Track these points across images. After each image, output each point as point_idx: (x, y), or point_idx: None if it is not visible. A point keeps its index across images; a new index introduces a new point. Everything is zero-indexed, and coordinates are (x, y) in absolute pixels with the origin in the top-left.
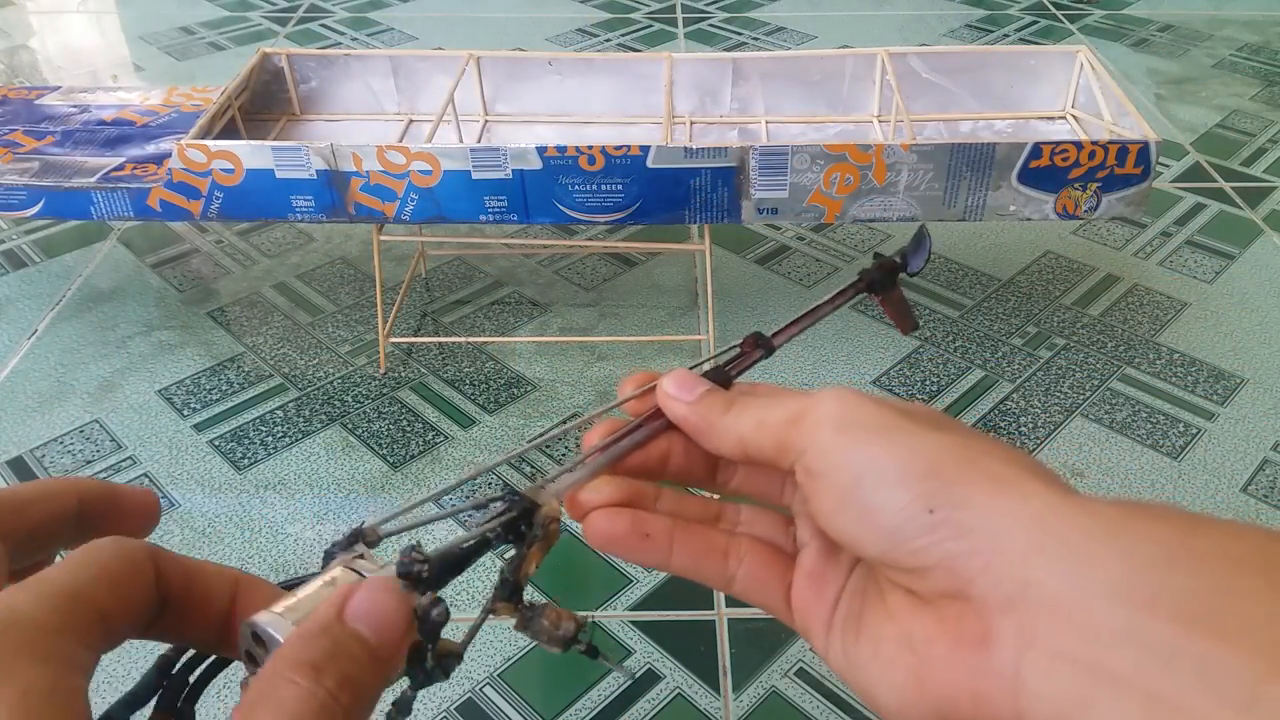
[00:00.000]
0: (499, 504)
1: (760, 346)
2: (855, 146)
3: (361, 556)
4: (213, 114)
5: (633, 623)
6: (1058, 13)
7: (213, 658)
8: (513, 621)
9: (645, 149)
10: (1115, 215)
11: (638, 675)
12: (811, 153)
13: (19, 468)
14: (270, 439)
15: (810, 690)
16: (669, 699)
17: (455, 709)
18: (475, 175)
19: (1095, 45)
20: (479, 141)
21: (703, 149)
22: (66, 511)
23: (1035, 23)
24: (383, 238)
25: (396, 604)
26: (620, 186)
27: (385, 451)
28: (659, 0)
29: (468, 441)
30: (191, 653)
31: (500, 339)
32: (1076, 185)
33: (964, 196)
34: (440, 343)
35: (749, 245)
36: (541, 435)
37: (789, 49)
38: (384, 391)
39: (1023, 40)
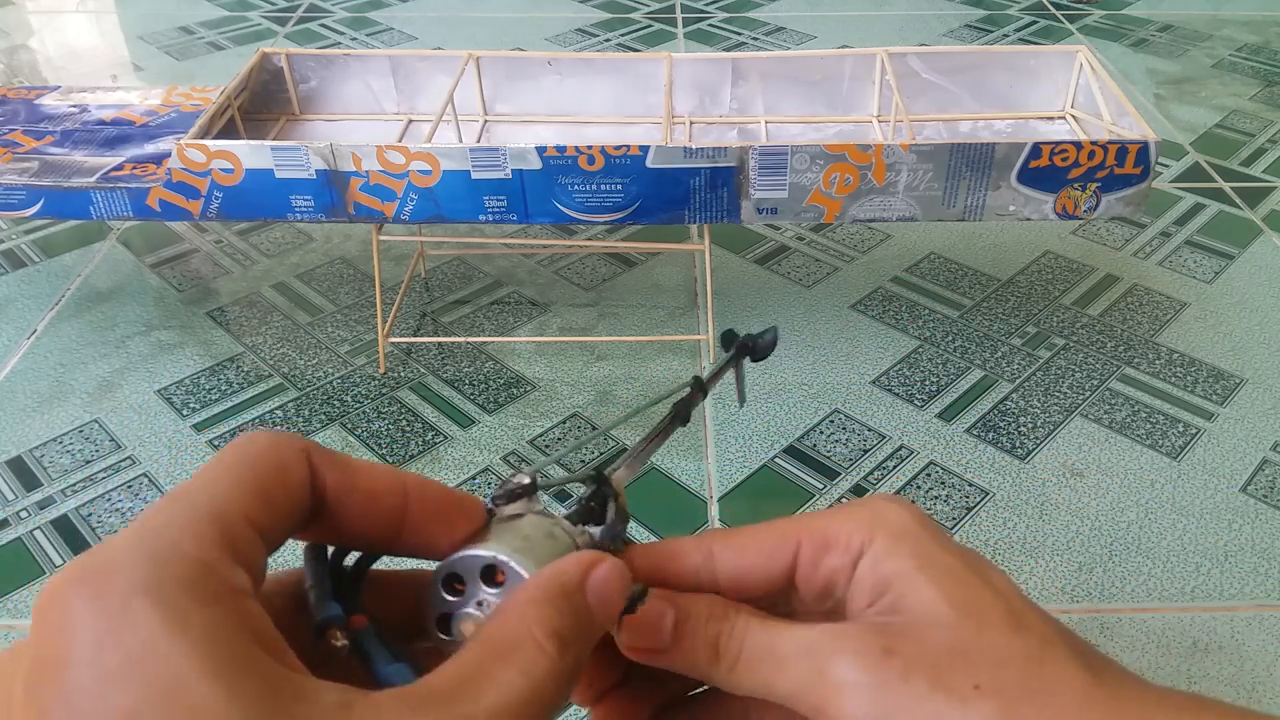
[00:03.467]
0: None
1: (747, 349)
2: (855, 146)
3: (543, 512)
4: (212, 114)
5: None
6: (1057, 13)
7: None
8: None
9: (645, 149)
10: (1115, 215)
11: None
12: (811, 153)
13: (18, 468)
14: None
15: None
16: None
17: None
18: (475, 175)
19: (1095, 45)
20: (478, 141)
21: (702, 149)
22: (302, 506)
23: (1035, 23)
24: (382, 237)
25: (625, 589)
26: (620, 186)
27: (385, 451)
28: (658, 0)
29: (467, 442)
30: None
31: (500, 339)
32: (1076, 185)
33: (964, 196)
34: (439, 343)
35: (748, 245)
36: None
37: (789, 49)
38: (383, 391)
39: (1022, 40)
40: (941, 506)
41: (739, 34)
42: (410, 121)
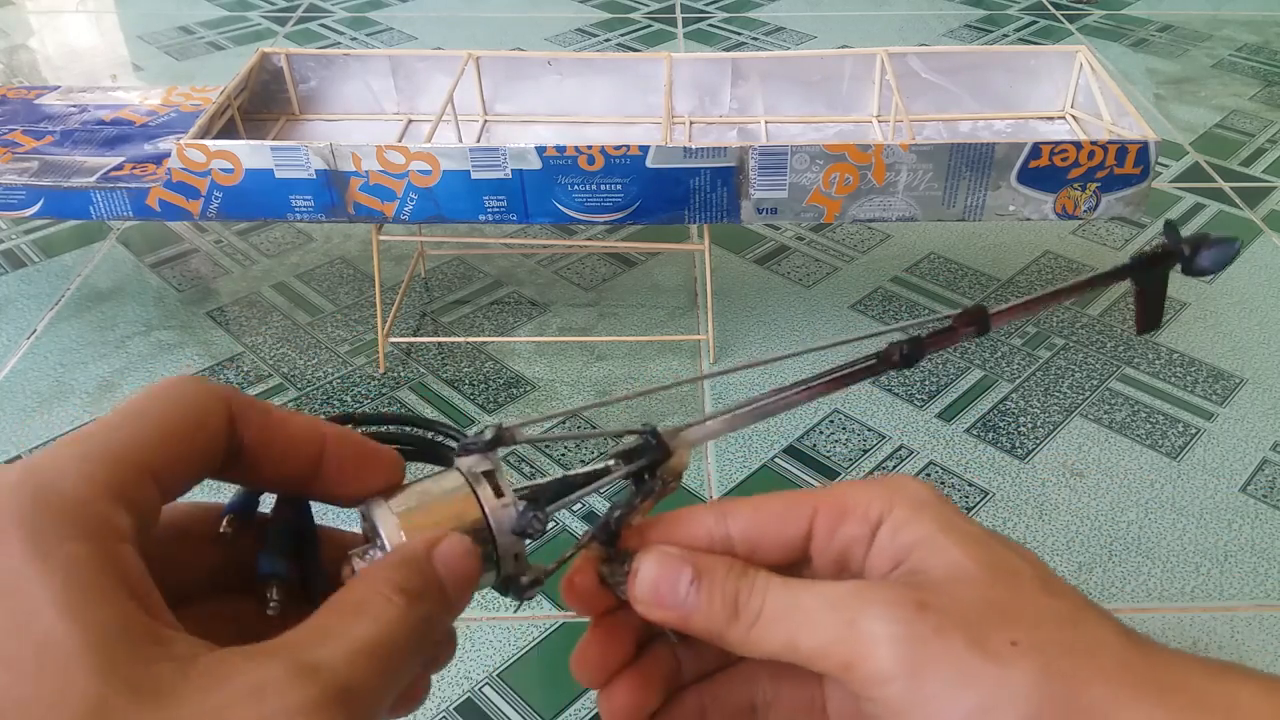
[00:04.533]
0: (634, 439)
1: (974, 323)
2: (854, 146)
3: (492, 469)
4: (212, 114)
5: None
6: (1057, 13)
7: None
8: (600, 563)
9: (645, 149)
10: (1114, 215)
11: None
12: (811, 153)
13: None
14: None
15: None
16: None
17: (454, 709)
18: (474, 175)
19: (1095, 45)
20: (478, 141)
21: (702, 149)
22: (213, 455)
23: (1035, 23)
24: (382, 237)
25: (474, 568)
26: (620, 186)
27: None
28: (658, 0)
29: None
30: None
31: (500, 339)
32: (1076, 185)
33: (963, 196)
34: (439, 343)
35: (748, 245)
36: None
37: (789, 49)
38: (383, 391)
39: (1022, 40)
40: None
41: (739, 34)
42: (410, 121)
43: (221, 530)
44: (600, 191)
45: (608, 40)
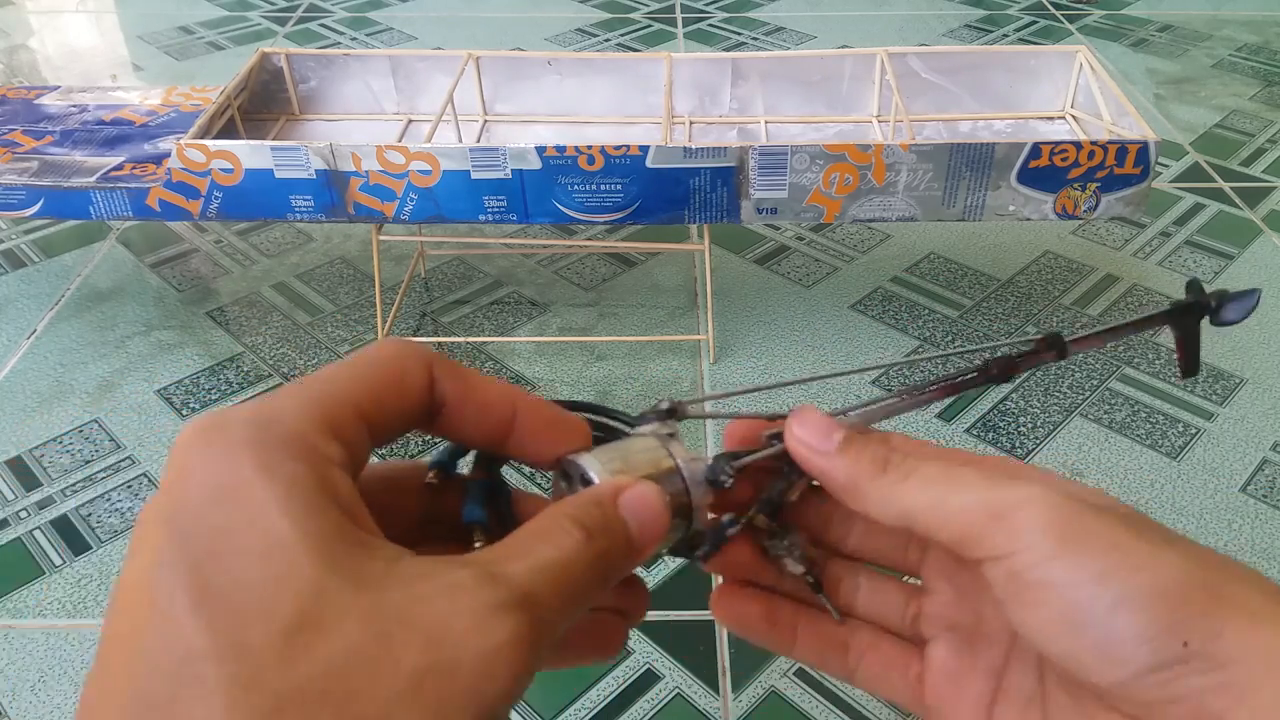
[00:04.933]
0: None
1: (1054, 348)
2: (854, 146)
3: (672, 434)
4: (212, 114)
5: None
6: (1057, 13)
7: None
8: (763, 534)
9: (645, 149)
10: (1114, 215)
11: (638, 674)
12: (811, 153)
13: (18, 468)
14: None
15: (810, 690)
16: (668, 699)
17: None
18: (474, 175)
19: (1095, 45)
20: (478, 141)
21: (702, 149)
22: (416, 408)
23: (1034, 23)
24: (382, 237)
25: (660, 512)
26: (620, 186)
27: (384, 451)
28: (658, 0)
29: None
30: None
31: (499, 339)
32: (1076, 185)
33: (963, 196)
34: (439, 342)
35: (748, 245)
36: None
37: (789, 49)
38: None
39: (1022, 40)
40: None
41: (739, 34)
42: (410, 121)
43: (427, 481)
44: (600, 191)
45: (608, 40)
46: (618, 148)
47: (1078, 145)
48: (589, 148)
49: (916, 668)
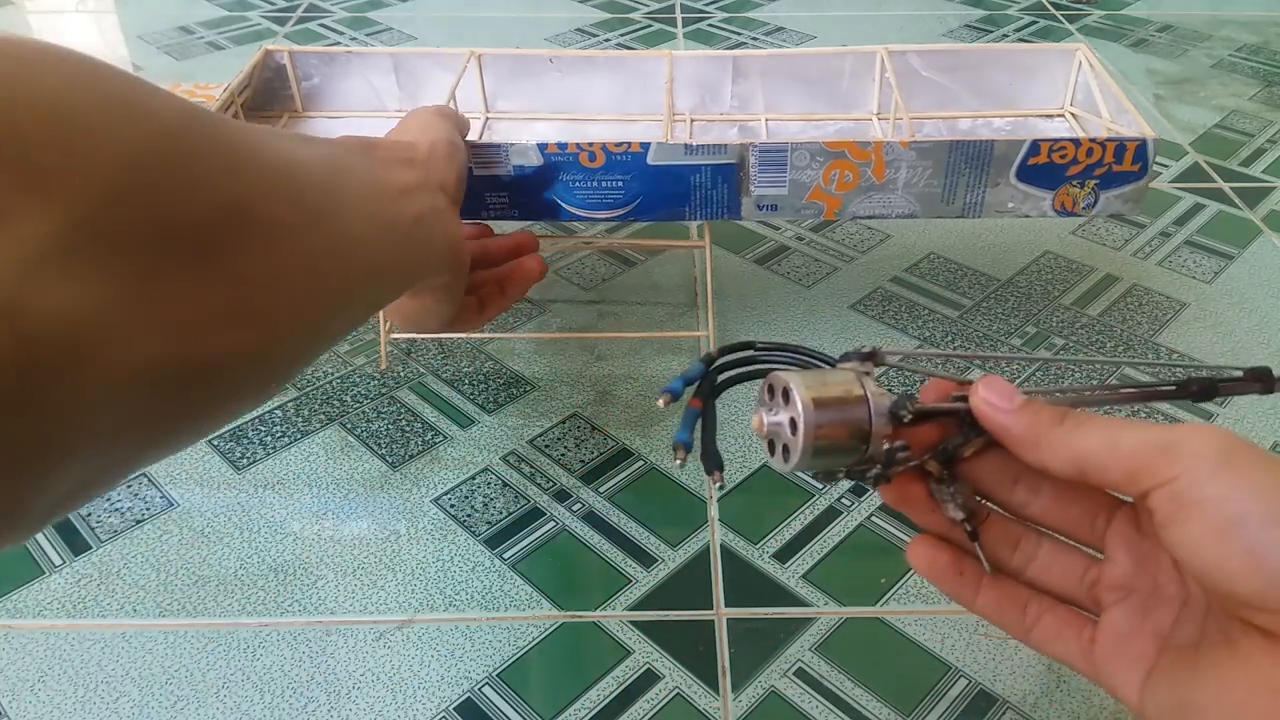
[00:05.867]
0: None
1: (1260, 380)
2: (854, 144)
3: (867, 373)
4: (216, 110)
5: (631, 623)
6: (1057, 13)
7: (741, 370)
8: (933, 481)
9: (646, 146)
10: (1113, 212)
11: (638, 675)
12: (811, 150)
13: None
14: (269, 439)
15: (810, 690)
16: (668, 699)
17: (454, 709)
18: (476, 172)
19: (1094, 45)
20: (480, 138)
21: (703, 146)
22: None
23: (1034, 23)
24: None
25: (1002, 394)
26: (621, 183)
27: (384, 451)
28: (658, 0)
29: (467, 441)
30: (725, 359)
31: (501, 335)
32: (1074, 182)
33: (963, 193)
34: (440, 341)
35: (748, 245)
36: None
37: (788, 48)
38: (383, 391)
39: (1022, 40)
40: None
41: (739, 34)
42: None
43: (661, 405)
44: (601, 188)
45: (607, 40)
46: (619, 144)
47: (1076, 143)
48: (590, 144)
49: (1089, 631)
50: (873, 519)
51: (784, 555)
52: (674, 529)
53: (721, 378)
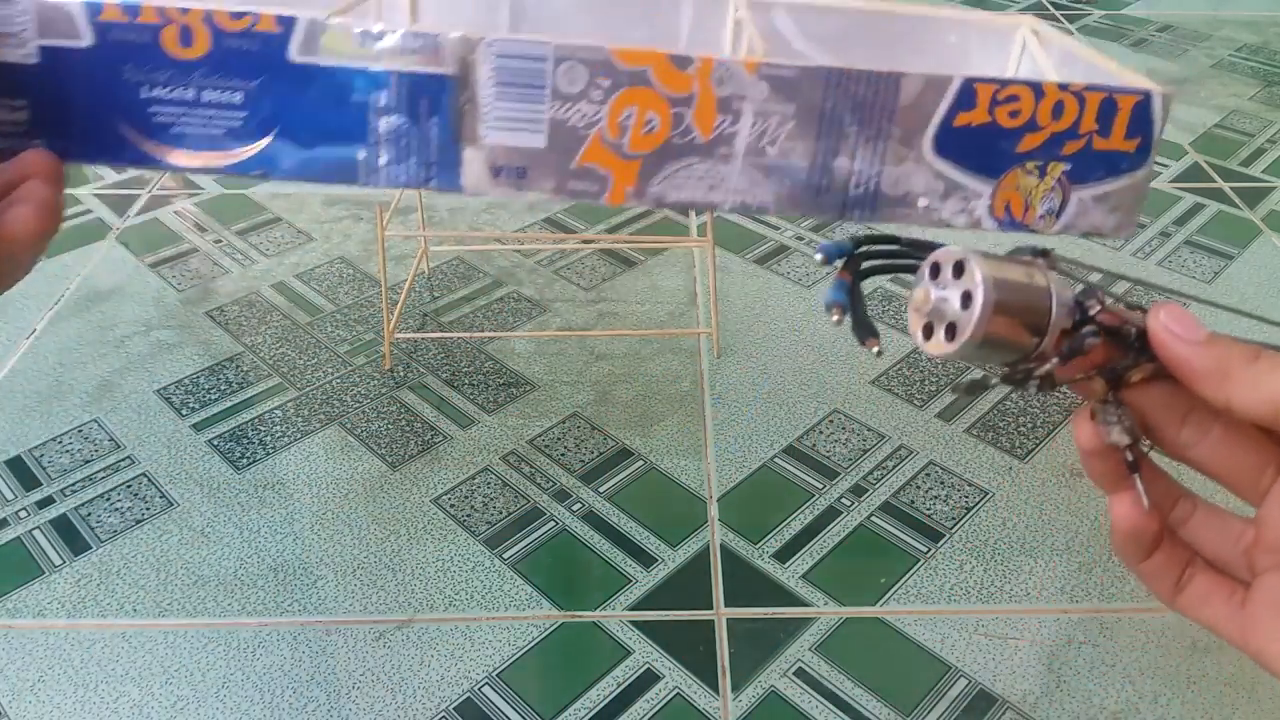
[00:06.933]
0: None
1: None
2: (665, 59)
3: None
4: None
5: (632, 623)
6: (1056, 13)
7: (888, 261)
8: (1098, 401)
9: (288, 24)
10: (1090, 229)
11: (638, 675)
12: (590, 61)
13: (17, 467)
14: (269, 439)
15: (809, 690)
16: (668, 699)
17: (454, 709)
18: None
19: (1094, 45)
20: None
21: (391, 36)
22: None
23: None
24: (387, 234)
25: (1176, 323)
26: (239, 96)
27: (384, 451)
28: None
29: (466, 441)
30: (871, 247)
31: (502, 333)
32: (1029, 166)
33: (845, 171)
34: (440, 341)
35: (748, 245)
36: None
37: None
38: (383, 391)
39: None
40: (941, 506)
41: None
42: None
43: (819, 261)
44: (202, 104)
45: None
46: (238, 16)
47: (1037, 89)
48: (184, 12)
49: (1240, 595)
50: (873, 519)
51: (784, 555)
52: (674, 529)
53: (866, 264)
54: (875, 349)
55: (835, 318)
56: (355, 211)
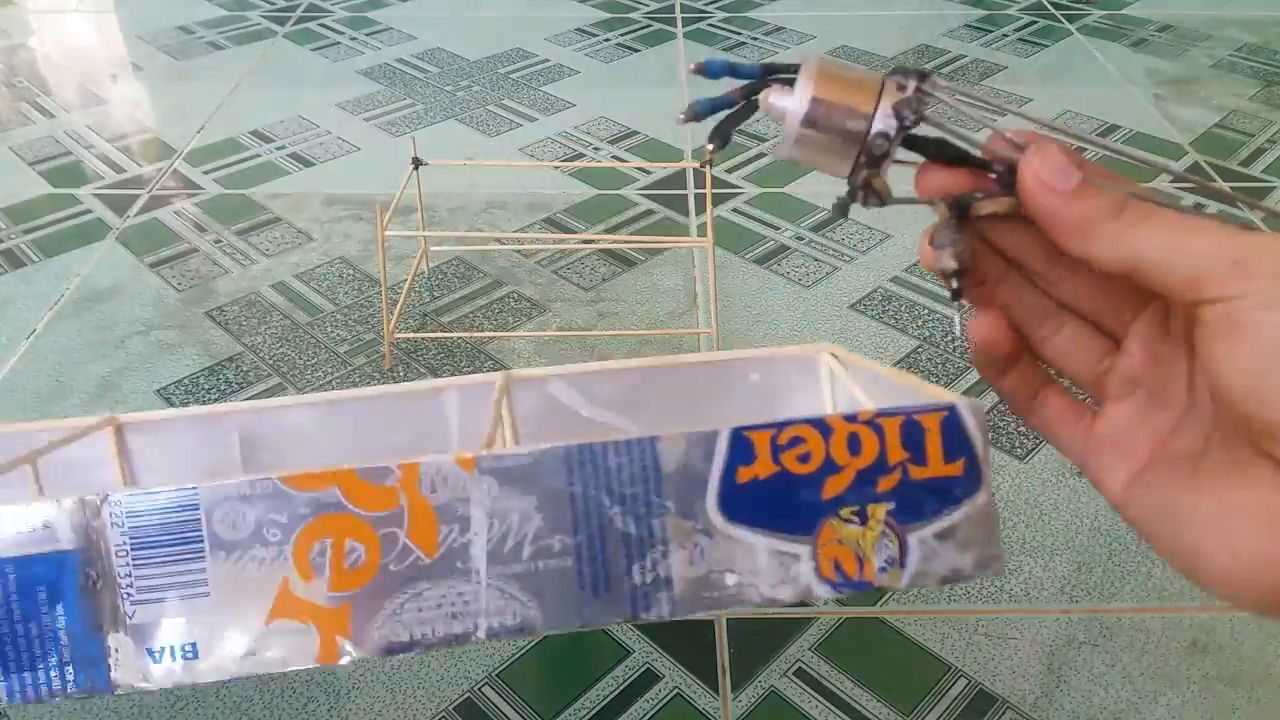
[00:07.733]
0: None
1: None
2: (353, 475)
3: (905, 89)
4: None
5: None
6: (1057, 13)
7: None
8: (939, 225)
9: None
10: (950, 576)
11: (638, 674)
12: (253, 497)
13: None
14: None
15: (809, 690)
16: (668, 699)
17: (454, 709)
18: None
19: (1094, 45)
20: None
21: None
22: None
23: (1034, 23)
24: (387, 233)
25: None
26: None
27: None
28: (658, 0)
29: None
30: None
31: (502, 333)
32: (845, 514)
33: (620, 561)
34: (441, 341)
35: (748, 245)
36: None
37: (789, 48)
38: None
39: (1022, 41)
40: None
41: (739, 34)
42: None
43: (680, 121)
44: None
45: (607, 40)
46: None
47: (819, 425)
48: None
49: (1088, 421)
50: None
51: None
52: None
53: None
54: (712, 146)
55: (681, 117)
56: (355, 211)
